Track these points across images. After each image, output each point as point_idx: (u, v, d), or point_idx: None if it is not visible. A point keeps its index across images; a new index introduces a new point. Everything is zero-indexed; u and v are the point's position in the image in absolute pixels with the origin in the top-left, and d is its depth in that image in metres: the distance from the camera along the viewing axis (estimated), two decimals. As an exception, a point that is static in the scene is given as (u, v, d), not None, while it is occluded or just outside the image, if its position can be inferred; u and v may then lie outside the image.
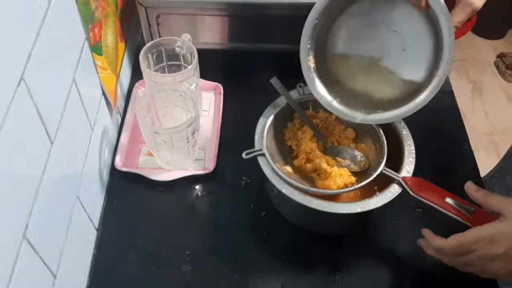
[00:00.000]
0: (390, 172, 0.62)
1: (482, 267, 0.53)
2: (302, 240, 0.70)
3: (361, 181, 0.64)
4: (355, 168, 0.68)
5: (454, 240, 0.53)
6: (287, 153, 0.71)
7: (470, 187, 0.57)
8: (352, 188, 0.63)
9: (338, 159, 0.69)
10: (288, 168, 0.68)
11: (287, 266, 0.67)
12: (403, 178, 0.61)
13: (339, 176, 0.66)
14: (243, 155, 0.64)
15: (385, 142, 0.66)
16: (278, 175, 0.62)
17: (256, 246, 0.69)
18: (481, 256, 0.52)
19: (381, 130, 0.67)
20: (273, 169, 0.63)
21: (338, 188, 0.64)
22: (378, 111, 0.65)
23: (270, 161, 0.63)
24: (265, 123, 0.68)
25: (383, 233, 0.71)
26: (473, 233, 0.52)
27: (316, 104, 0.71)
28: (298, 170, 0.69)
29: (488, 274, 0.54)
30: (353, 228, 0.73)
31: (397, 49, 0.63)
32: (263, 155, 0.64)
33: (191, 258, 0.67)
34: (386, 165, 0.63)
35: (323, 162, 0.67)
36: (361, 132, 0.71)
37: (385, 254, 0.69)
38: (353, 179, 0.66)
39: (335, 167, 0.67)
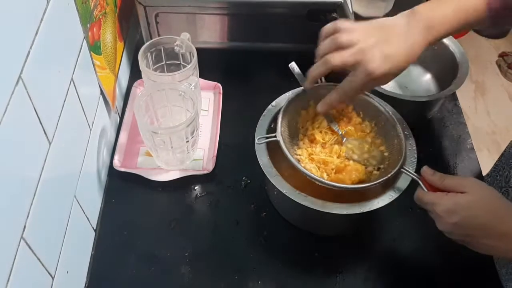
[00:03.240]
0: (408, 171, 0.60)
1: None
2: (302, 241, 0.69)
3: (374, 178, 0.61)
4: (370, 164, 0.65)
5: (416, 194, 0.56)
6: (300, 141, 0.68)
7: (426, 171, 0.57)
8: (368, 184, 0.60)
9: (352, 151, 0.66)
10: (302, 156, 0.65)
11: (287, 267, 0.67)
12: (421, 178, 0.58)
13: (355, 170, 0.63)
14: (256, 140, 0.61)
15: (403, 139, 0.62)
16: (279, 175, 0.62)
17: (256, 246, 0.68)
18: (436, 216, 0.54)
19: (399, 126, 0.63)
20: (273, 169, 0.62)
21: (353, 183, 0.61)
22: None
23: (284, 147, 0.60)
24: (279, 109, 0.65)
25: (384, 234, 0.71)
26: (430, 197, 0.55)
27: None
28: (311, 159, 0.66)
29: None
30: (355, 228, 0.72)
31: None
32: (277, 141, 0.61)
33: (190, 259, 0.67)
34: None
35: (335, 155, 0.64)
36: (378, 126, 0.67)
37: (386, 255, 0.69)
38: (368, 175, 0.63)
39: (351, 161, 0.64)
